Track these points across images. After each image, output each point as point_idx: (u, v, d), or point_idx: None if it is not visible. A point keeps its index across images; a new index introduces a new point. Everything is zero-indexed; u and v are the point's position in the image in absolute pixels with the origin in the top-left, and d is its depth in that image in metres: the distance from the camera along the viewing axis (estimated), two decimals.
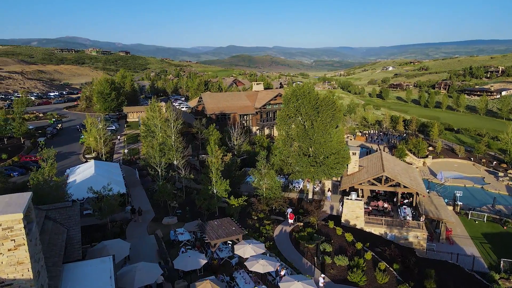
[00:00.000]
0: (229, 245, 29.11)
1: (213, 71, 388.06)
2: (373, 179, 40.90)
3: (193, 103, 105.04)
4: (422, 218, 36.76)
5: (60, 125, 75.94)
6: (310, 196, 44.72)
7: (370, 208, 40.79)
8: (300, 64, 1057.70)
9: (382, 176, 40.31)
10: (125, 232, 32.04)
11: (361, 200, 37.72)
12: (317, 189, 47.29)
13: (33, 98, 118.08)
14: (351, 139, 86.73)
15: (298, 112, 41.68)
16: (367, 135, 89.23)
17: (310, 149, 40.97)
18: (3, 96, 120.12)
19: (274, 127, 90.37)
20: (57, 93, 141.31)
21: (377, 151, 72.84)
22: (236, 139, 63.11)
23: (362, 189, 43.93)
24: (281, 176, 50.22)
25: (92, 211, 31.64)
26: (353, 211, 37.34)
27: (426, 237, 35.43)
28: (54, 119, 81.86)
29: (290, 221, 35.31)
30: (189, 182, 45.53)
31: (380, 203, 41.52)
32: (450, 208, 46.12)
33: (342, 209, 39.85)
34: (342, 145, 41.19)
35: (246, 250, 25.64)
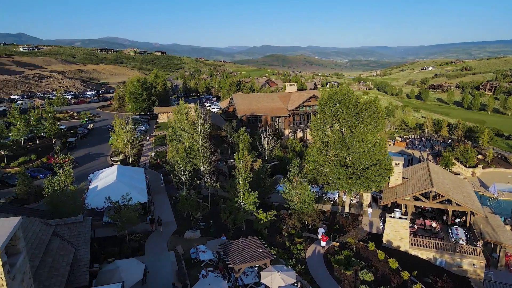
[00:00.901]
0: (255, 268, 25.86)
1: (246, 71, 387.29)
2: (419, 194, 36.29)
3: (224, 103, 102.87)
4: (479, 243, 31.80)
5: (91, 125, 75.82)
6: (346, 210, 40.67)
7: (416, 227, 36.19)
8: (334, 64, 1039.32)
9: (430, 191, 35.64)
10: (144, 246, 29.59)
11: (406, 219, 33.31)
12: (354, 201, 43.15)
13: (69, 97, 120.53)
14: (389, 145, 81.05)
15: (335, 118, 37.79)
16: (407, 141, 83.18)
17: (347, 158, 36.96)
18: (42, 95, 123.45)
19: (308, 130, 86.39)
20: (93, 92, 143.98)
21: (419, 159, 67.19)
22: (267, 143, 59.84)
23: (405, 204, 39.35)
24: (315, 185, 46.45)
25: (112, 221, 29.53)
26: (397, 231, 33.02)
27: (484, 266, 30.58)
28: (86, 119, 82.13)
29: (323, 243, 31.29)
30: (215, 190, 42.75)
31: (428, 221, 36.79)
32: (508, 227, 40.47)
33: (383, 227, 35.59)
34: (384, 155, 36.86)
35: (274, 279, 22.31)
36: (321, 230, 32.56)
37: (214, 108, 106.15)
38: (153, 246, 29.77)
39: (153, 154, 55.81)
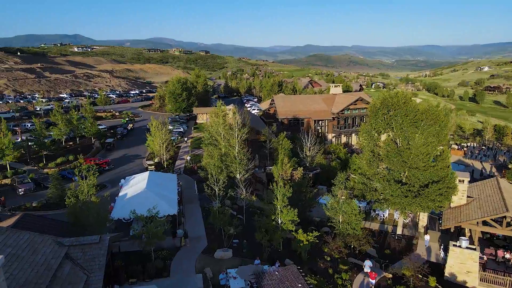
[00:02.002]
0: None
1: (288, 71, 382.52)
2: (490, 219, 30.66)
3: (265, 105, 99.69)
4: None
5: (131, 125, 75.50)
6: (398, 231, 35.71)
7: (485, 258, 30.61)
8: (380, 63, 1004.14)
9: (504, 216, 29.95)
10: (170, 265, 26.82)
11: (475, 249, 28.00)
12: (407, 221, 38.01)
13: (114, 96, 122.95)
14: None
15: (388, 127, 33.04)
16: (465, 149, 75.23)
17: (402, 174, 32.11)
18: (88, 94, 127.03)
19: (352, 135, 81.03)
20: (137, 92, 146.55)
21: (482, 171, 59.82)
22: (309, 150, 55.67)
23: (470, 229, 33.72)
24: (362, 200, 41.76)
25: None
26: (463, 263, 27.83)
27: None
28: (127, 119, 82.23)
29: (371, 282, 26.40)
30: (252, 202, 39.37)
31: (500, 252, 31.04)
32: None
33: (444, 256, 30.48)
34: (447, 171, 31.61)
35: None
36: (368, 264, 27.81)
37: (254, 109, 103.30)
38: (180, 266, 26.92)
39: (188, 158, 53.61)
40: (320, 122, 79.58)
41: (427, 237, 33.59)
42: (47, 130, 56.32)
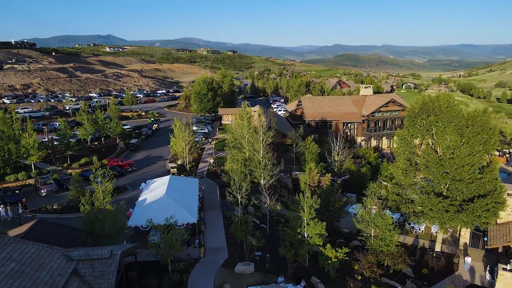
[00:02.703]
0: None
1: (316, 71, 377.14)
2: None
3: (291, 106, 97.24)
4: None
5: (156, 125, 74.99)
6: (437, 248, 32.54)
7: None
8: (411, 63, 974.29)
9: None
10: (187, 280, 25.11)
11: None
12: (446, 236, 34.73)
13: (141, 95, 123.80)
14: None
15: (428, 134, 30.04)
16: (507, 155, 69.97)
17: (443, 186, 29.03)
18: (117, 93, 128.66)
19: (383, 138, 77.34)
20: (164, 91, 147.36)
21: None
22: (338, 154, 52.91)
23: None
24: (395, 211, 38.68)
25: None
26: None
27: None
28: (152, 119, 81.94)
29: None
30: (276, 211, 37.16)
31: None
32: None
33: (490, 279, 27.27)
34: (496, 184, 28.30)
35: None
36: None
37: (280, 110, 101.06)
38: (198, 281, 25.16)
39: (211, 161, 52.05)
40: (349, 124, 76.36)
41: (468, 259, 30.18)
42: (72, 129, 56.31)
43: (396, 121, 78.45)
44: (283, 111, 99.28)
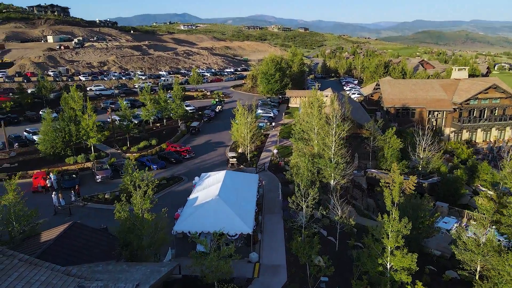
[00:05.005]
0: None
1: (393, 49, 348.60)
2: None
3: (367, 89, 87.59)
4: None
5: (220, 107, 71.35)
6: None
7: None
8: (505, 41, 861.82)
9: None
10: None
11: None
12: None
13: (208, 74, 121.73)
14: None
15: None
16: None
17: None
18: (186, 71, 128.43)
19: (478, 130, 65.68)
20: (232, 70, 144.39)
21: None
22: (424, 150, 44.29)
23: None
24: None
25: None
26: None
27: None
28: (217, 100, 78.68)
29: None
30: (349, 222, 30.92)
31: None
32: None
33: None
34: None
35: None
36: None
37: (354, 93, 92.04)
38: None
39: (275, 151, 46.85)
40: (436, 113, 65.72)
41: None
42: (134, 110, 54.71)
43: (496, 111, 65.93)
44: (357, 94, 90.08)
